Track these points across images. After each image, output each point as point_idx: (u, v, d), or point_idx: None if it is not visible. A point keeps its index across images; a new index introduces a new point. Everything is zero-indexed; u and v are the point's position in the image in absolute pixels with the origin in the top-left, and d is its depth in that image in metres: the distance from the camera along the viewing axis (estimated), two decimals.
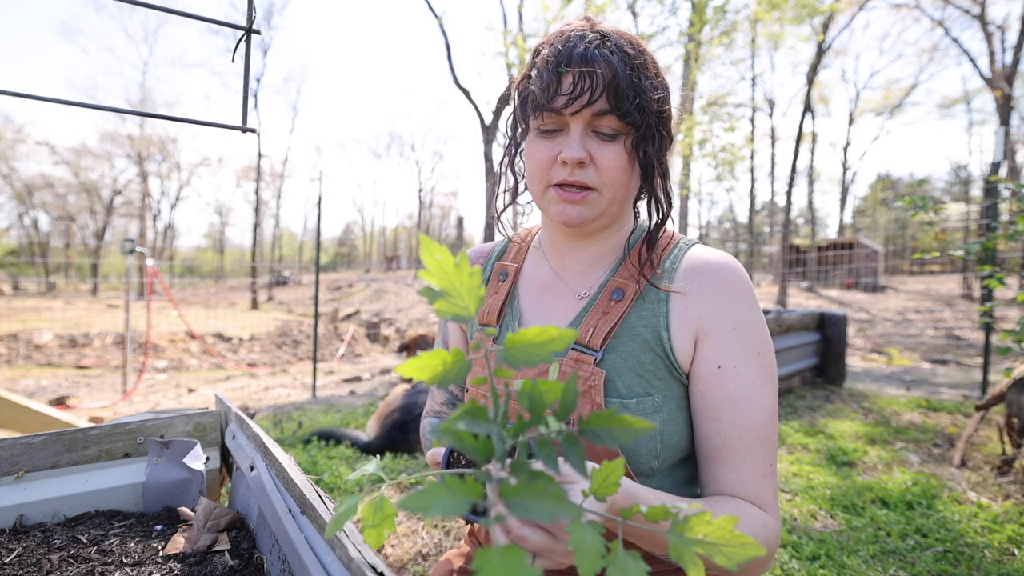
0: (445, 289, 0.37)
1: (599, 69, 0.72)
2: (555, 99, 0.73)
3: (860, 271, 22.83)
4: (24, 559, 0.72)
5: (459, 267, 0.37)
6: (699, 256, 0.80)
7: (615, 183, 0.76)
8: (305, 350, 10.98)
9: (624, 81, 0.72)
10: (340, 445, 3.47)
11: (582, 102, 0.72)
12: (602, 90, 0.72)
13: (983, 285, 3.60)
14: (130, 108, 0.62)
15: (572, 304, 0.85)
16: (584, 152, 0.74)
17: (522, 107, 0.80)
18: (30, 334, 10.10)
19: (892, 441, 3.60)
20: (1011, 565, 2.05)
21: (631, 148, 0.75)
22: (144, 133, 34.91)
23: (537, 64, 0.77)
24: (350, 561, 0.55)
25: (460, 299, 0.38)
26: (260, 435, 0.87)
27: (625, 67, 0.73)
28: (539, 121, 0.77)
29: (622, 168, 0.76)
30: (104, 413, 4.93)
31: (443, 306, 0.38)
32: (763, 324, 0.78)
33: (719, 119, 9.30)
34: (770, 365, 0.76)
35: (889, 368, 6.84)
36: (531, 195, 0.84)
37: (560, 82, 0.74)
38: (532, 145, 0.79)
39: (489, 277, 0.96)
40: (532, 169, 0.80)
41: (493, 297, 0.93)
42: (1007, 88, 17.99)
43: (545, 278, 0.90)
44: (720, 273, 0.77)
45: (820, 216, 49.83)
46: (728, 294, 0.76)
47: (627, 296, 0.80)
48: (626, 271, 0.82)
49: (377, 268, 54.99)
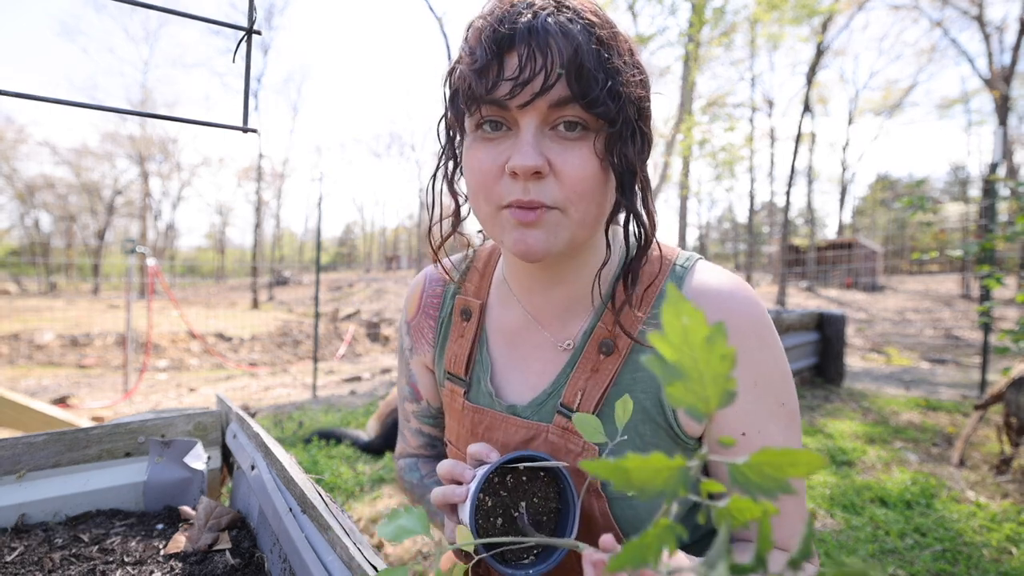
0: (684, 368, 0.27)
1: (555, 43, 0.52)
2: (496, 86, 0.54)
3: (859, 271, 22.84)
4: (26, 557, 0.73)
5: (710, 344, 0.27)
6: (701, 288, 0.64)
7: (584, 197, 0.56)
8: (305, 350, 10.99)
9: (590, 58, 0.53)
10: (341, 444, 3.48)
11: (533, 88, 0.52)
12: (560, 70, 0.52)
13: (982, 285, 3.61)
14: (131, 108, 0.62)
15: (553, 356, 0.69)
16: (540, 158, 0.54)
17: (453, 102, 0.60)
18: (31, 334, 10.11)
19: (891, 440, 3.61)
20: (1009, 564, 2.06)
21: (603, 150, 0.56)
22: (145, 133, 34.88)
23: (469, 41, 0.57)
24: (350, 560, 0.55)
25: (702, 387, 0.28)
26: (261, 434, 0.88)
27: (590, 39, 0.53)
28: (476, 118, 0.58)
29: (592, 177, 0.56)
30: (105, 413, 4.94)
31: (678, 391, 0.27)
32: (784, 364, 0.64)
33: (719, 119, 9.31)
34: (794, 410, 0.64)
35: (888, 368, 6.84)
36: (478, 221, 0.64)
37: (502, 63, 0.54)
38: (470, 153, 0.59)
39: (451, 314, 0.79)
40: (474, 185, 0.59)
41: (458, 342, 0.76)
42: (1005, 88, 18.00)
43: (516, 320, 0.73)
44: (730, 315, 0.62)
45: (819, 216, 49.94)
46: (742, 345, 0.61)
47: (618, 348, 0.64)
48: (611, 315, 0.65)
49: (377, 268, 55.04)
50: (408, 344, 0.86)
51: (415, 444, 0.90)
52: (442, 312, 0.81)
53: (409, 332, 0.85)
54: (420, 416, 0.88)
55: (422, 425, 0.89)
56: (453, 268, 0.80)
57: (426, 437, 0.89)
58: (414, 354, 0.85)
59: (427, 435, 0.89)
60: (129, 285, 6.54)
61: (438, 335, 0.80)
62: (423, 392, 0.86)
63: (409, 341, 0.85)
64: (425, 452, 0.91)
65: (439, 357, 0.80)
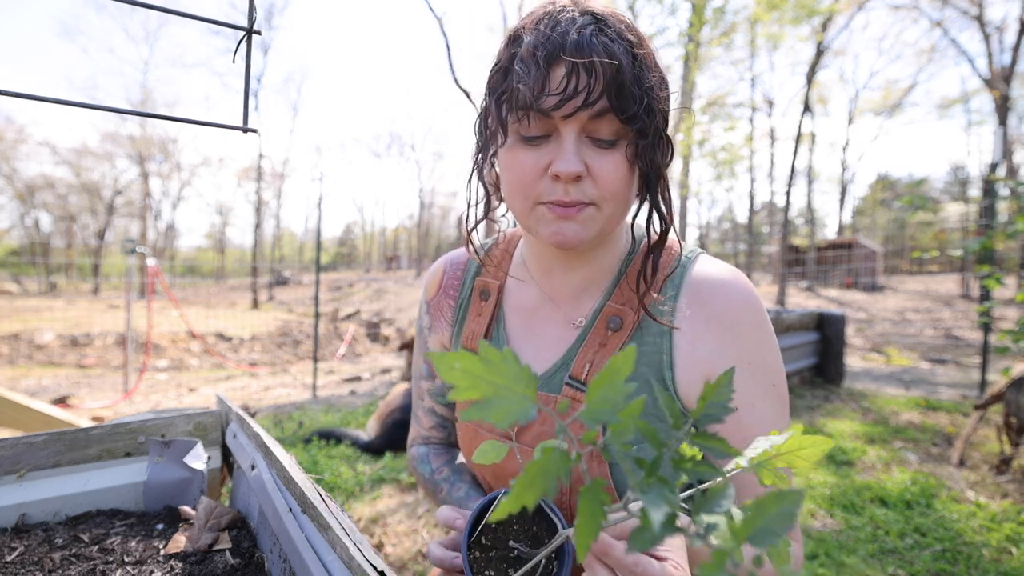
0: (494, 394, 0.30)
1: (599, 61, 0.58)
2: (543, 98, 0.59)
3: (859, 271, 22.84)
4: (26, 558, 0.73)
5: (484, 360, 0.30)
6: (702, 276, 0.70)
7: (616, 196, 0.64)
8: (305, 350, 10.99)
9: (629, 76, 0.59)
10: (341, 444, 3.48)
11: (577, 103, 0.58)
12: (603, 87, 0.58)
13: (982, 285, 3.61)
14: (131, 108, 0.62)
15: (565, 332, 0.76)
16: (581, 164, 0.61)
17: (498, 107, 0.65)
18: (31, 334, 10.11)
19: (891, 440, 3.61)
20: (1009, 563, 2.06)
21: (633, 156, 0.63)
22: (145, 133, 34.89)
23: (521, 54, 0.62)
24: (351, 560, 0.55)
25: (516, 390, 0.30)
26: (261, 434, 0.88)
27: (629, 59, 0.59)
28: (521, 125, 0.63)
29: (623, 180, 0.63)
30: (105, 413, 4.94)
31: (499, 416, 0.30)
32: (775, 349, 0.70)
33: (719, 119, 9.31)
34: (785, 395, 0.70)
35: (888, 368, 6.85)
36: (512, 212, 0.70)
37: (549, 77, 0.59)
38: (512, 154, 0.65)
39: (470, 295, 0.85)
40: (514, 183, 0.66)
41: (476, 320, 0.82)
42: (1005, 88, 18.00)
43: (533, 300, 0.79)
44: (728, 301, 0.68)
45: (819, 216, 49.91)
46: (738, 326, 0.67)
47: (625, 325, 0.70)
48: (622, 295, 0.72)
49: (377, 268, 55.02)
50: (427, 323, 0.90)
51: (428, 425, 0.94)
52: (462, 293, 0.86)
53: (428, 311, 0.90)
54: (434, 395, 0.92)
55: (435, 404, 0.93)
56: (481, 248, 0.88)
57: (438, 418, 0.94)
58: (432, 332, 0.90)
59: (439, 416, 0.94)
60: (129, 285, 6.54)
61: (457, 315, 0.86)
62: None
63: (428, 320, 0.90)
64: (437, 434, 0.95)
65: (457, 336, 0.86)
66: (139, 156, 36.34)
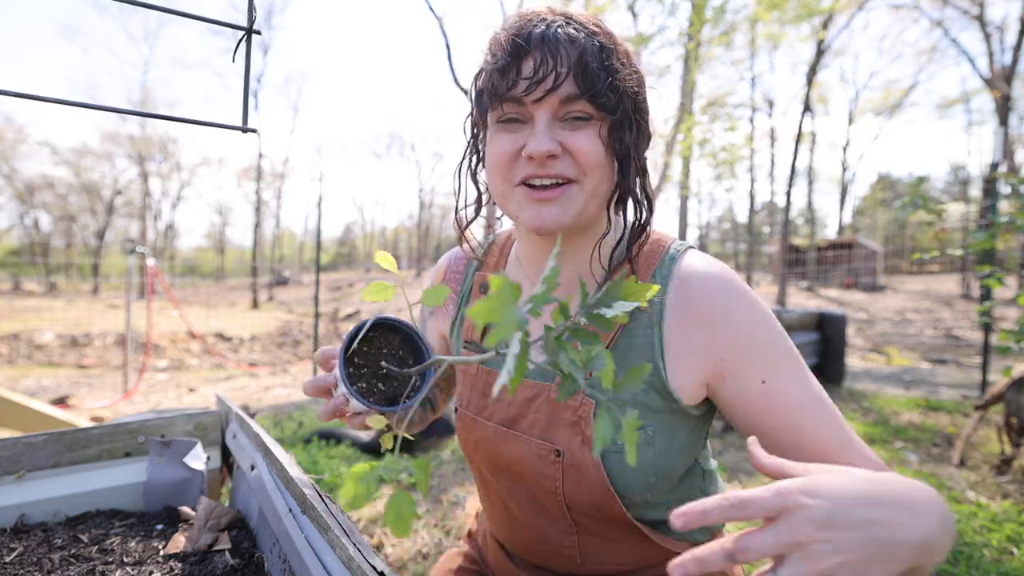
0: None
1: (564, 49, 0.64)
2: (515, 85, 0.65)
3: (859, 271, 22.85)
4: (25, 558, 0.73)
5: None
6: (690, 271, 0.71)
7: (596, 169, 0.67)
8: (305, 350, 10.98)
9: (593, 60, 0.64)
10: (340, 445, 3.47)
11: (546, 86, 0.64)
12: (568, 71, 0.63)
13: (982, 285, 3.61)
14: (131, 108, 0.62)
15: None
16: (553, 143, 0.65)
17: (478, 101, 0.71)
18: (31, 334, 10.11)
19: (891, 440, 3.60)
20: (1009, 564, 2.06)
21: (606, 137, 0.66)
22: (145, 133, 34.89)
23: (494, 49, 0.68)
24: (350, 560, 0.55)
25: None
26: (261, 435, 0.87)
27: (592, 44, 0.65)
28: (498, 113, 0.68)
29: (598, 154, 0.66)
30: (105, 413, 4.93)
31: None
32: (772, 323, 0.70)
33: (719, 119, 9.30)
34: (796, 356, 0.71)
35: (888, 368, 6.84)
36: (494, 198, 0.74)
37: (520, 66, 0.65)
38: (492, 141, 0.70)
39: (471, 290, 0.89)
40: (493, 166, 0.70)
41: None
42: (1006, 88, 17.99)
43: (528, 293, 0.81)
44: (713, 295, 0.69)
45: (819, 216, 49.89)
46: (727, 316, 0.68)
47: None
48: None
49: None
50: (429, 308, 0.95)
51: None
52: (463, 287, 0.91)
53: None
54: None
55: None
56: (479, 246, 0.92)
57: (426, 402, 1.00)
58: (433, 317, 0.95)
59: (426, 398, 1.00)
60: (129, 285, 6.54)
61: (458, 308, 0.90)
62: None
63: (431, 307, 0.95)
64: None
65: (457, 328, 0.89)
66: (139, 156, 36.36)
